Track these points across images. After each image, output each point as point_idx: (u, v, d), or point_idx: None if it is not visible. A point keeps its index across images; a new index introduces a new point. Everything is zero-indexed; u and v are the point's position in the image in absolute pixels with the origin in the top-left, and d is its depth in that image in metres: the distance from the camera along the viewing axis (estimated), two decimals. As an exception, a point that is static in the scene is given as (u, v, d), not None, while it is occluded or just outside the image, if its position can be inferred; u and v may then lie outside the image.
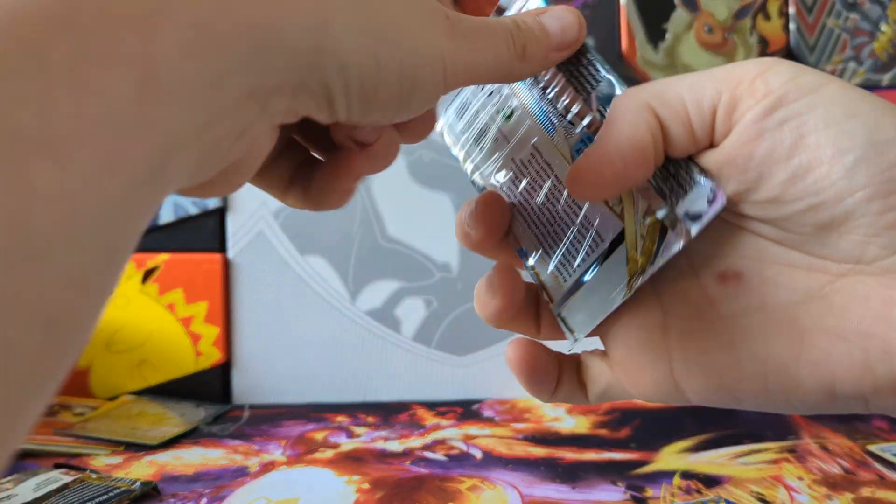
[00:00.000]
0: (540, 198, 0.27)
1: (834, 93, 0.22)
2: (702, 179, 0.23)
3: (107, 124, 0.15)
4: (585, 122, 0.26)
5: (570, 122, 0.26)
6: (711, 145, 0.24)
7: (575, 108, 0.26)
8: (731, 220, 0.24)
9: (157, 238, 0.67)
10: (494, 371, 0.68)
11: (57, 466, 0.50)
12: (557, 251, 0.26)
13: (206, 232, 0.67)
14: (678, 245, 0.23)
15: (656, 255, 0.23)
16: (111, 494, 0.45)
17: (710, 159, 0.24)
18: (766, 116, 0.22)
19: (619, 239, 0.25)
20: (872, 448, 0.52)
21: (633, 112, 0.23)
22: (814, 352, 0.22)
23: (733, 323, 0.24)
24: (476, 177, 0.30)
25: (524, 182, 0.28)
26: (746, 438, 0.55)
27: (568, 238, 0.26)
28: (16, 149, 0.13)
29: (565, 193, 0.26)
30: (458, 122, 0.31)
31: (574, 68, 0.27)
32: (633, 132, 0.23)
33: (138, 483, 0.47)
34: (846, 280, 0.22)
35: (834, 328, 0.22)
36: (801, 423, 0.59)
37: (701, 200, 0.23)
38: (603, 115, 0.25)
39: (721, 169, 0.23)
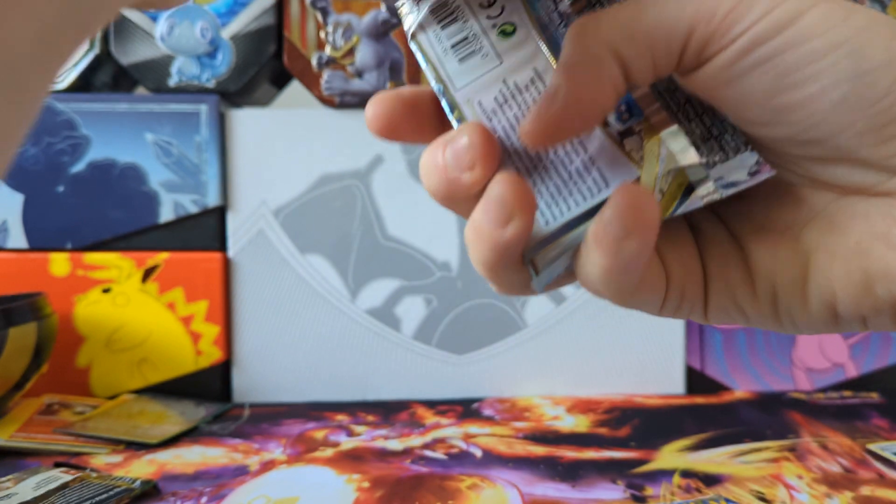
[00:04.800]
0: None
1: (814, 22, 0.20)
2: (747, 150, 0.22)
3: None
4: None
5: None
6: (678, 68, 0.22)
7: None
8: None
9: (157, 237, 0.67)
10: (494, 370, 0.68)
11: (57, 465, 0.50)
12: (546, 189, 0.23)
13: (206, 230, 0.67)
14: (697, 203, 0.22)
15: (673, 212, 0.22)
16: (111, 493, 0.45)
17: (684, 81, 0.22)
18: (740, 60, 0.20)
19: None
20: (872, 447, 0.52)
21: (595, 63, 0.21)
22: (818, 271, 0.22)
23: (742, 242, 0.24)
24: (453, 96, 0.24)
25: (515, 110, 0.24)
26: (746, 437, 0.55)
27: (564, 176, 0.23)
28: None
29: None
30: (435, 24, 0.25)
31: None
32: (594, 92, 0.21)
33: (138, 482, 0.47)
34: (849, 198, 0.22)
35: (835, 247, 0.22)
36: (800, 422, 0.59)
37: (741, 171, 0.22)
38: None
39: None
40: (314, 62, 0.67)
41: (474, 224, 0.22)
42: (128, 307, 0.67)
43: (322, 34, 0.67)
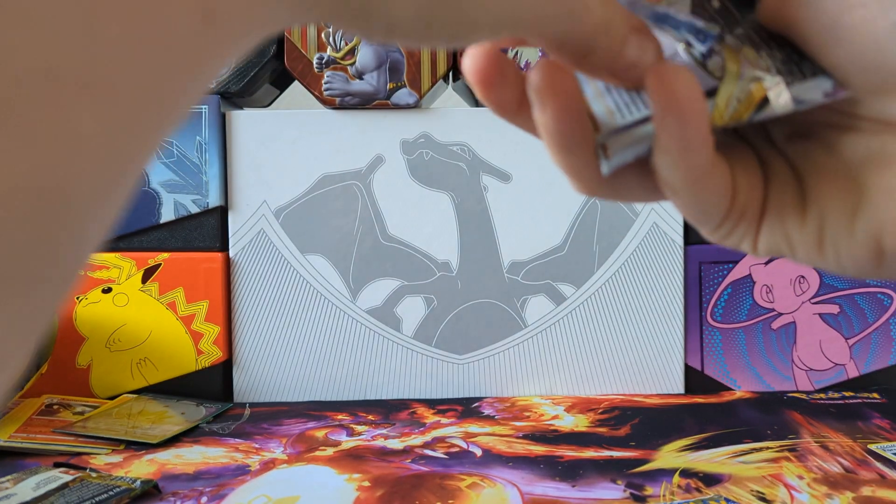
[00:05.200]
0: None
1: None
2: (823, 75, 0.23)
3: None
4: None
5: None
6: None
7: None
8: None
9: (158, 236, 0.67)
10: (494, 369, 0.68)
11: (56, 465, 0.50)
12: (620, 96, 0.24)
13: (207, 230, 0.67)
14: (772, 114, 0.23)
15: (750, 119, 0.23)
16: (111, 493, 0.45)
17: None
18: None
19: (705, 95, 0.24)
20: (873, 447, 0.52)
21: None
22: (869, 205, 0.23)
23: (803, 177, 0.25)
24: None
25: None
26: (746, 437, 0.55)
27: (639, 87, 0.24)
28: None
29: None
30: None
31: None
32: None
33: (139, 481, 0.47)
34: None
35: (889, 184, 0.22)
36: (801, 422, 0.58)
37: (817, 91, 0.23)
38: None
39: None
40: (315, 63, 0.67)
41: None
42: (128, 307, 0.67)
43: (323, 35, 0.67)
